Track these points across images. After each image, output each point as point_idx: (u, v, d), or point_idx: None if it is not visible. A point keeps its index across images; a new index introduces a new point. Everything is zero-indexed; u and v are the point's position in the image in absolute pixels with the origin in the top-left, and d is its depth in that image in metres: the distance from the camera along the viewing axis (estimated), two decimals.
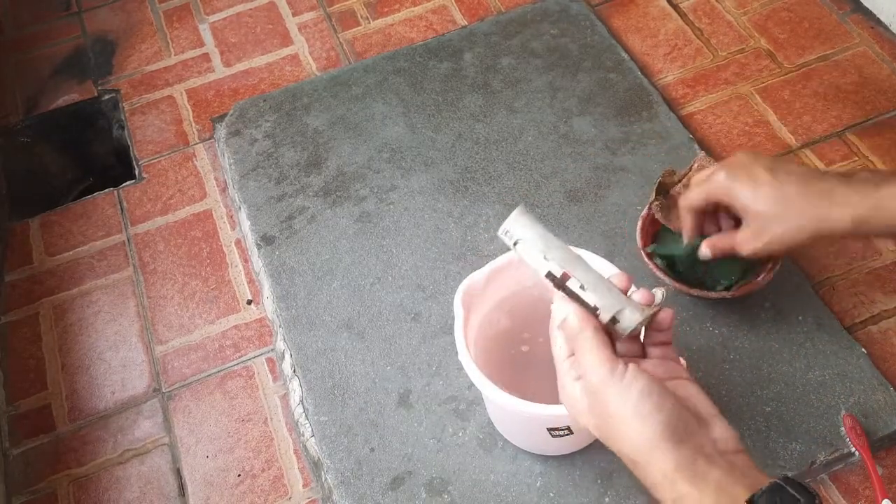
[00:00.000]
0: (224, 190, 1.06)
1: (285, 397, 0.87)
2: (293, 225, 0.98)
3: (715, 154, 1.01)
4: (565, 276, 0.52)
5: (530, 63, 1.11)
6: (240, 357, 0.91)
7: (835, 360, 0.82)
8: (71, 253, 1.01)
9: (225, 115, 1.11)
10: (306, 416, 0.84)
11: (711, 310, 0.86)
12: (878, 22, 1.13)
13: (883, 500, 0.73)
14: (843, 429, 0.78)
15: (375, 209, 0.98)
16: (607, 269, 0.66)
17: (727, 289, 0.81)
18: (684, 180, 0.87)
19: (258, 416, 0.86)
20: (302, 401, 0.85)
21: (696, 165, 0.88)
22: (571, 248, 0.55)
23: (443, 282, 0.91)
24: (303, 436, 0.84)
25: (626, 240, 0.91)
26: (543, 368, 0.80)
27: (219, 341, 0.92)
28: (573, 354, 0.51)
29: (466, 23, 1.19)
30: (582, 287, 0.52)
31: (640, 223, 0.86)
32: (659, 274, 0.81)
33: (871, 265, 0.90)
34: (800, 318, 0.85)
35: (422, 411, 0.82)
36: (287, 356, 0.88)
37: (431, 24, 1.20)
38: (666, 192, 0.86)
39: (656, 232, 0.86)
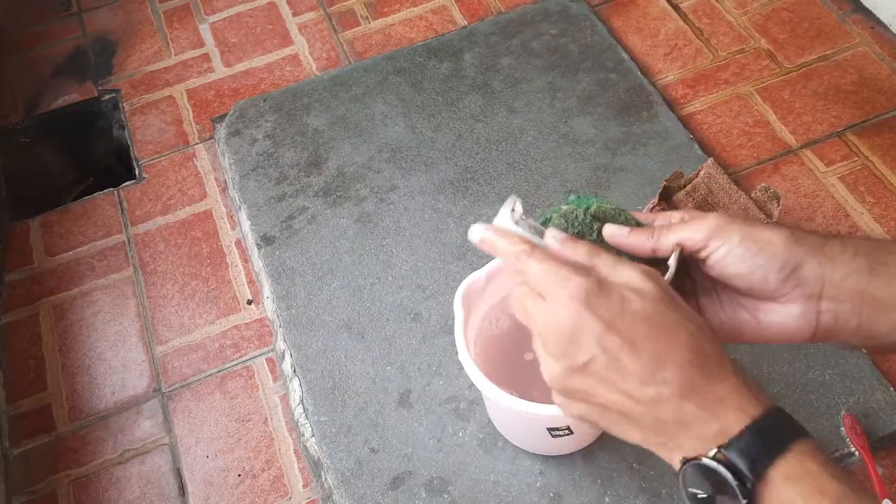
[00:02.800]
0: (224, 190, 1.06)
1: (285, 397, 0.87)
2: (293, 225, 0.98)
3: (716, 154, 1.01)
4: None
5: (530, 63, 1.11)
6: (240, 357, 0.91)
7: (835, 360, 0.82)
8: (71, 253, 1.01)
9: (225, 115, 1.11)
10: (306, 416, 0.84)
11: None
12: (878, 22, 1.13)
13: (883, 500, 0.73)
14: (843, 429, 0.78)
15: (375, 209, 0.98)
16: None
17: None
18: (687, 188, 0.87)
19: (258, 416, 0.86)
20: (302, 401, 0.85)
21: (703, 172, 0.88)
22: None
23: (443, 282, 0.91)
24: (303, 436, 0.84)
25: None
26: None
27: (219, 341, 0.92)
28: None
29: (466, 23, 1.19)
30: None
31: None
32: None
33: None
34: None
35: (422, 411, 0.82)
36: (287, 356, 0.88)
37: (431, 24, 1.20)
38: (670, 196, 0.86)
39: None
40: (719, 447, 0.40)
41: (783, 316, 0.47)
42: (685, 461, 0.41)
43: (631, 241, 0.50)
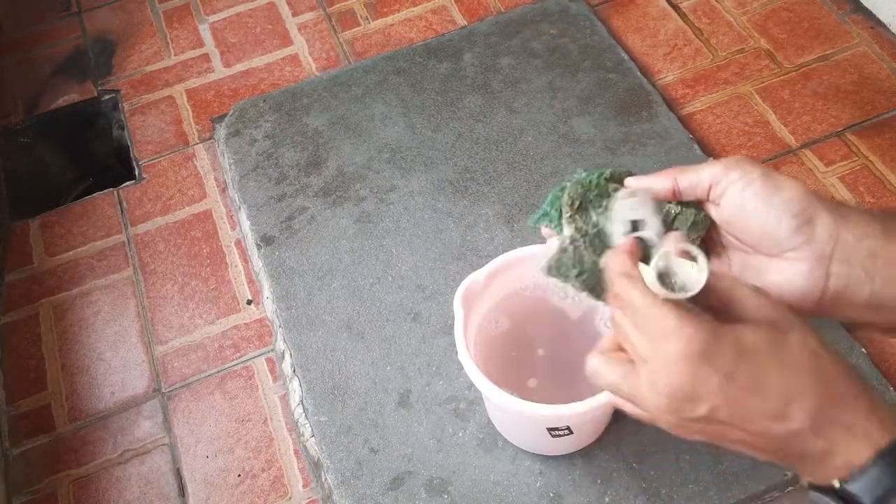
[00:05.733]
0: (224, 190, 1.06)
1: (285, 397, 0.87)
2: (293, 225, 0.98)
3: (716, 154, 1.01)
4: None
5: (530, 63, 1.11)
6: (240, 357, 0.91)
7: None
8: (71, 253, 1.01)
9: (225, 115, 1.11)
10: (306, 416, 0.84)
11: None
12: (878, 22, 1.13)
13: None
14: None
15: (375, 209, 0.98)
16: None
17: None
18: None
19: (258, 417, 0.86)
20: (302, 401, 0.85)
21: None
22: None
23: (443, 282, 0.91)
24: (303, 436, 0.84)
25: None
26: (544, 368, 0.80)
27: (219, 341, 0.92)
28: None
29: (466, 23, 1.19)
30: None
31: None
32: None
33: None
34: None
35: (422, 411, 0.82)
36: (287, 356, 0.88)
37: (431, 24, 1.20)
38: None
39: None
40: (842, 481, 0.38)
41: (791, 274, 0.45)
42: (810, 485, 0.40)
43: (653, 185, 0.49)
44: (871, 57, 1.09)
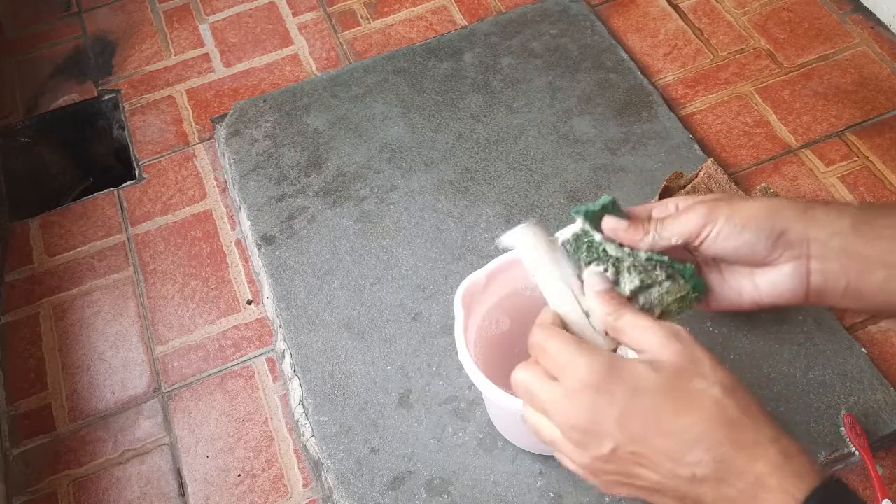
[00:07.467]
0: (224, 190, 1.06)
1: (285, 397, 0.87)
2: (293, 225, 0.98)
3: (716, 154, 1.01)
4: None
5: (530, 63, 1.11)
6: (240, 357, 0.91)
7: (835, 360, 0.82)
8: (71, 253, 1.01)
9: (225, 115, 1.11)
10: (306, 416, 0.84)
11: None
12: (878, 22, 1.13)
13: (883, 500, 0.73)
14: (843, 429, 0.78)
15: (375, 209, 0.98)
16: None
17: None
18: (687, 188, 0.87)
19: (258, 416, 0.86)
20: (302, 401, 0.85)
21: (703, 172, 0.88)
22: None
23: (443, 282, 0.91)
24: (303, 436, 0.84)
25: None
26: None
27: (219, 341, 0.92)
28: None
29: (466, 23, 1.19)
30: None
31: None
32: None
33: None
34: (800, 318, 0.85)
35: (422, 411, 0.82)
36: (287, 356, 0.88)
37: (431, 24, 1.20)
38: (670, 196, 0.86)
39: None
40: None
41: (776, 277, 0.48)
42: None
43: (629, 237, 0.50)
44: (871, 57, 1.09)
